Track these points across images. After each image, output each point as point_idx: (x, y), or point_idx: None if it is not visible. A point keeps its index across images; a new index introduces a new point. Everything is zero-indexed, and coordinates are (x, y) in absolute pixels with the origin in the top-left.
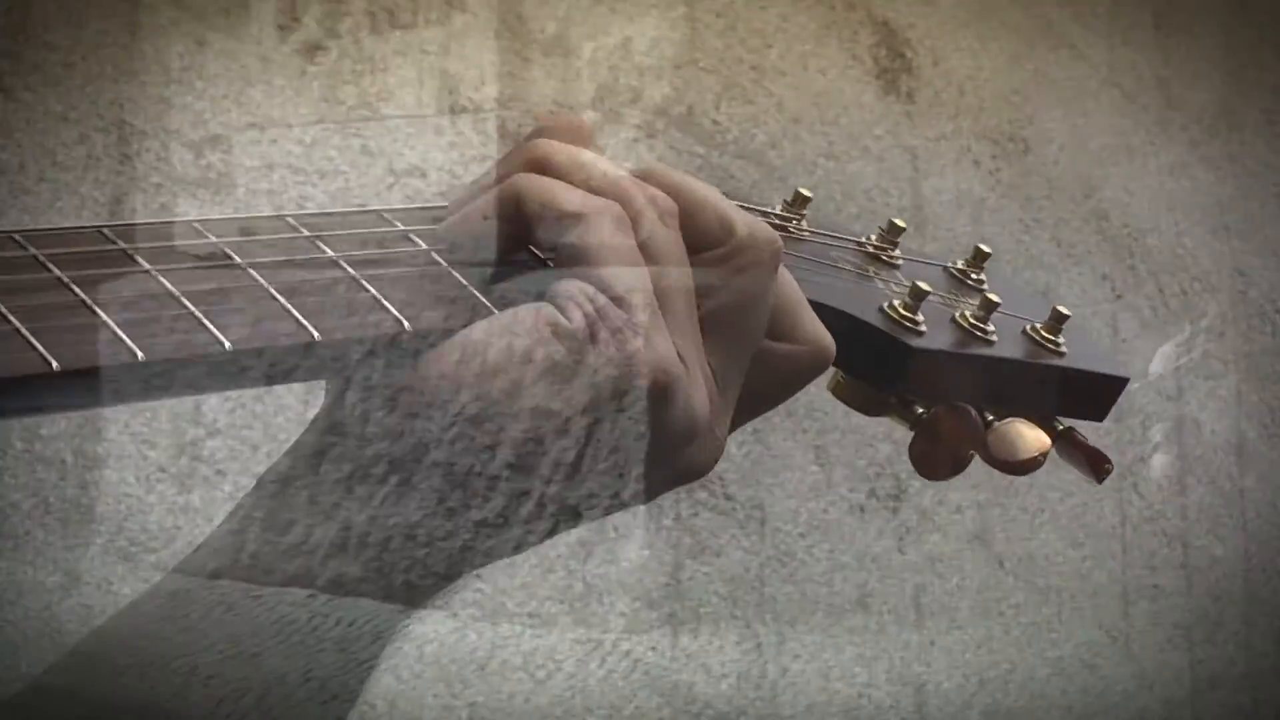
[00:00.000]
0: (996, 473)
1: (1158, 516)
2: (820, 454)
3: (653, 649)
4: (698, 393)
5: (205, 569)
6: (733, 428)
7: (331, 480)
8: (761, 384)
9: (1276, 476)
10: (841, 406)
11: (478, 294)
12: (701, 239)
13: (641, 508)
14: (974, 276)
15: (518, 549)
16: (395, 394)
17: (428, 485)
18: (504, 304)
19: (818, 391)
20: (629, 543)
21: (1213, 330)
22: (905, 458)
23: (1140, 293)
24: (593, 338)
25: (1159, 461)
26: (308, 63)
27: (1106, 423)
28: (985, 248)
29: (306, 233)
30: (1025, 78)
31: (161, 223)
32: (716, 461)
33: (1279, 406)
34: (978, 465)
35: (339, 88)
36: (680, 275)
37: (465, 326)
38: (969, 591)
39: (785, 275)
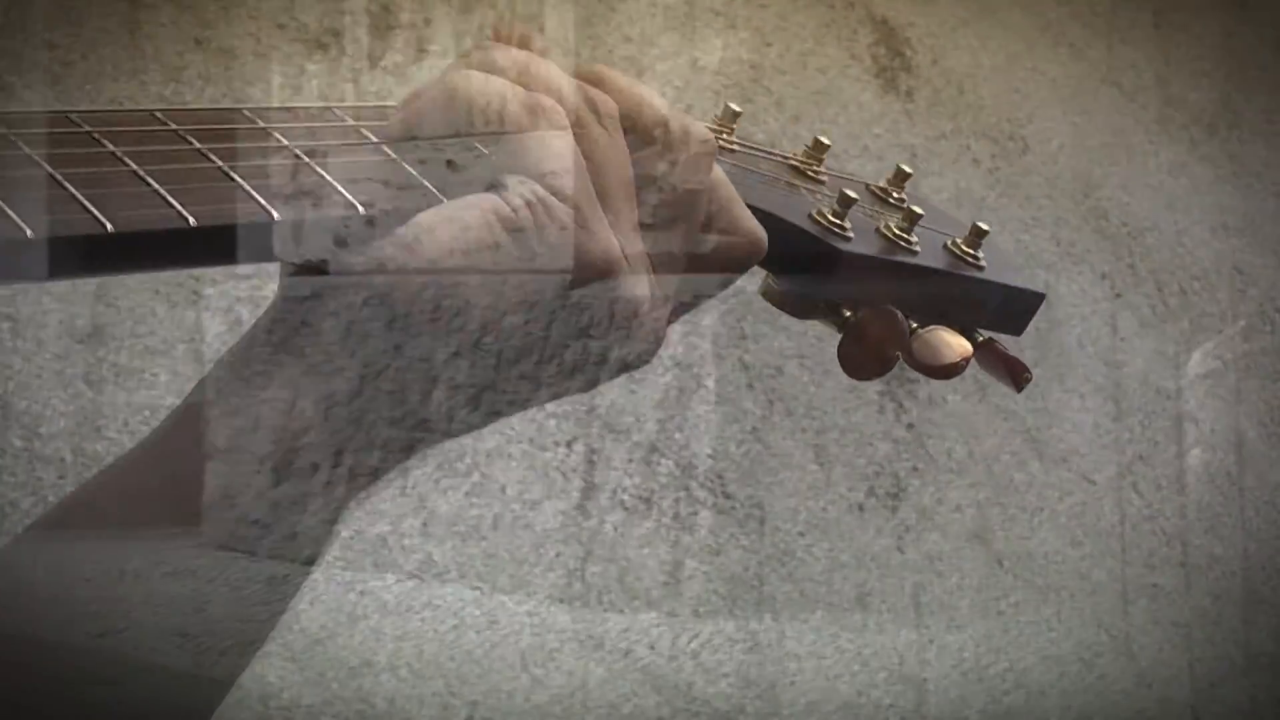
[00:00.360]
0: (996, 470)
1: (1157, 515)
2: (819, 453)
3: (651, 648)
4: (637, 282)
5: (150, 447)
6: (672, 319)
7: (282, 364)
8: (699, 275)
9: (1275, 475)
10: (841, 406)
11: (426, 183)
12: (639, 137)
13: (641, 506)
14: (895, 195)
15: (466, 429)
16: (346, 277)
17: (372, 367)
18: (451, 193)
19: (816, 390)
20: (628, 542)
21: (1213, 329)
22: (904, 456)
23: (1139, 291)
24: (536, 227)
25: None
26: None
27: (1106, 421)
28: (906, 168)
29: (261, 123)
30: (1024, 76)
31: (125, 110)
32: (656, 351)
33: (1278, 405)
34: (976, 462)
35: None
36: (620, 171)
37: (415, 213)
38: (968, 590)
39: (718, 172)
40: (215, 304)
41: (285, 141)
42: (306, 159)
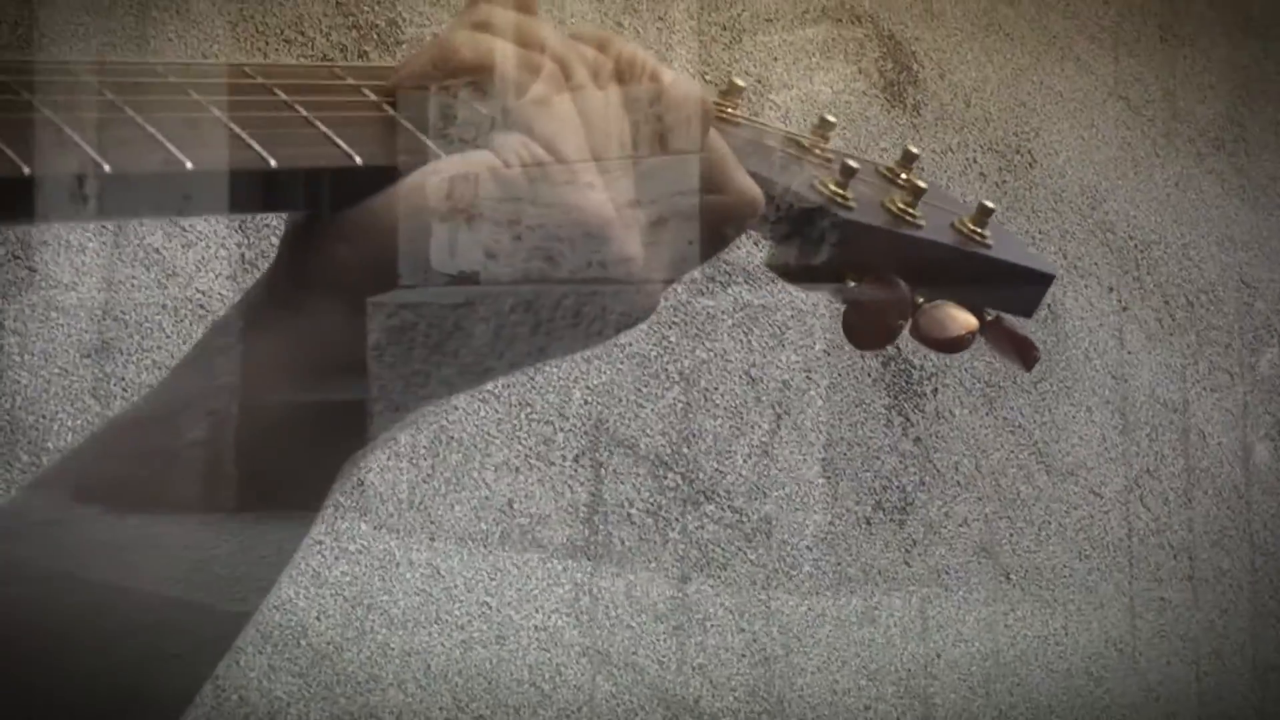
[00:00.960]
0: (1003, 484)
1: (1164, 529)
2: (826, 467)
3: (659, 662)
4: (630, 240)
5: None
6: (670, 280)
7: (282, 313)
8: (695, 235)
9: None
10: (848, 419)
11: (424, 139)
12: (636, 97)
13: (648, 521)
14: (903, 176)
15: (460, 388)
16: (346, 229)
17: (372, 319)
18: (448, 151)
19: (823, 404)
20: (635, 556)
21: (1219, 342)
22: (912, 470)
23: (1146, 305)
24: (529, 184)
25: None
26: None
27: (1113, 434)
28: (914, 149)
29: (261, 79)
30: (1031, 90)
31: (131, 62)
32: (652, 310)
33: None
34: (983, 475)
35: None
36: (614, 130)
37: (412, 168)
38: (975, 604)
39: (714, 133)
40: None
41: (284, 96)
42: (305, 113)
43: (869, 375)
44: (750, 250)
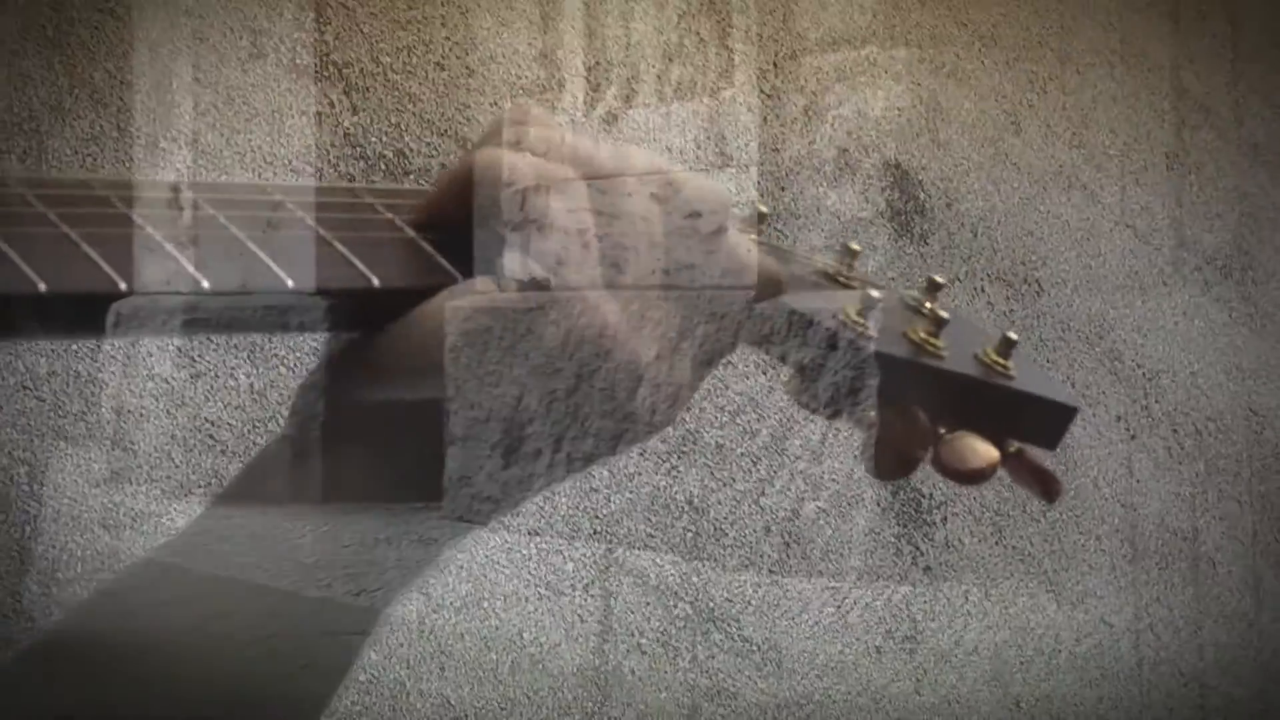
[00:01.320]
0: (1013, 613)
1: (1174, 657)
2: (836, 594)
3: None
4: (647, 347)
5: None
6: (695, 380)
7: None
8: (716, 332)
9: None
10: (858, 548)
11: (444, 262)
12: (662, 207)
13: (658, 650)
14: (928, 305)
15: (483, 514)
16: (365, 354)
17: (391, 442)
18: (468, 272)
19: (833, 533)
20: (645, 686)
21: (1228, 470)
22: (922, 598)
23: (1155, 434)
24: (540, 309)
25: None
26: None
27: (1123, 563)
28: (939, 279)
29: (280, 197)
30: (1038, 220)
31: (162, 182)
32: (676, 416)
33: None
34: (993, 604)
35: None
36: (645, 243)
37: (430, 289)
38: None
39: (731, 228)
40: (232, 449)
41: (304, 216)
42: (325, 233)
43: (878, 504)
44: (758, 381)
